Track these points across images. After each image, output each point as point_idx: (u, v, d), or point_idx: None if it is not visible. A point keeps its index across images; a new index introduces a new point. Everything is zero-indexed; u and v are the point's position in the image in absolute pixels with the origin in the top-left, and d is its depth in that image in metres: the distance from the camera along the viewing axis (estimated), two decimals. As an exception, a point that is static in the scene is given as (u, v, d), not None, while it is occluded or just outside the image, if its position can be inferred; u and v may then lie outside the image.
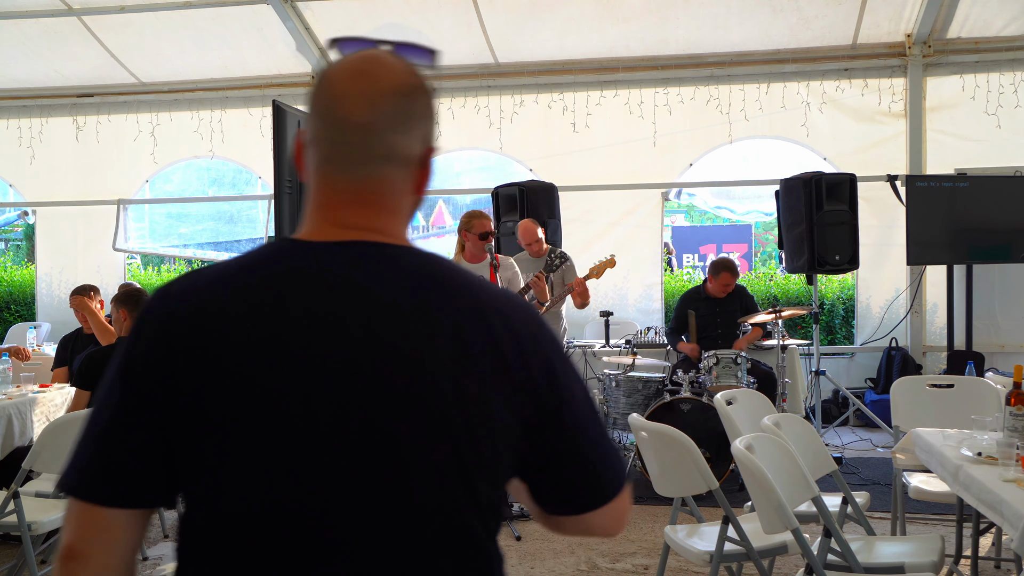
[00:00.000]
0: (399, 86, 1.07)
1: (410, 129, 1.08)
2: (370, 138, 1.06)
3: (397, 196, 1.10)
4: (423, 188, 1.12)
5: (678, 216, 15.49)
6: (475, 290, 1.08)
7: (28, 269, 10.42)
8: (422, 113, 1.09)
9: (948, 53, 7.69)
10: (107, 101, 9.07)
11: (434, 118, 1.11)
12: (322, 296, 1.03)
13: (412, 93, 1.08)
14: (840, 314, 8.89)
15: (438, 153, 1.13)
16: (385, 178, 1.08)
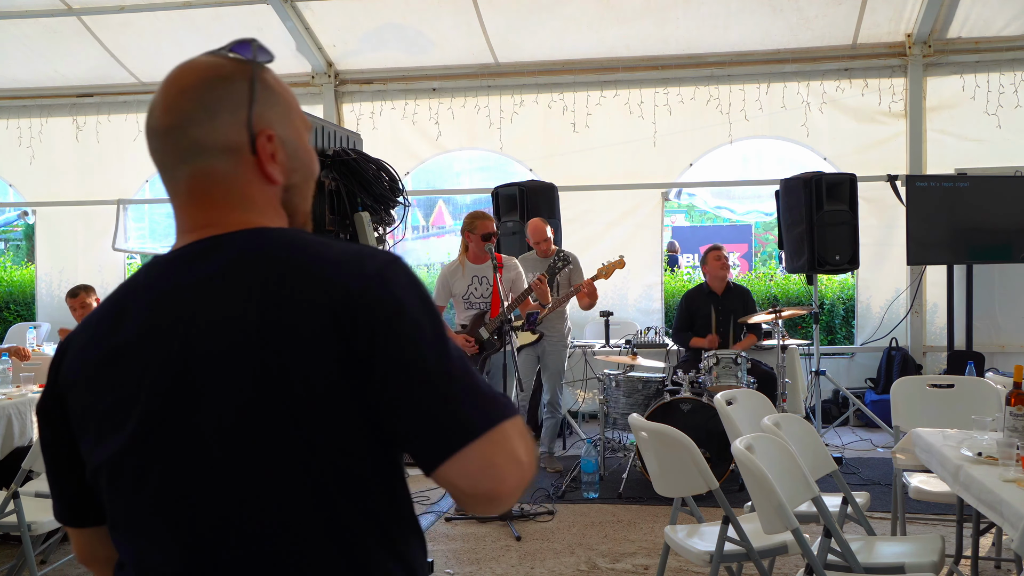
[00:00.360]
0: (198, 81, 1.09)
1: (215, 118, 1.07)
2: (174, 138, 1.08)
3: (228, 186, 1.09)
4: (270, 172, 1.09)
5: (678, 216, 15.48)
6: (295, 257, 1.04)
7: (28, 269, 10.42)
8: (231, 100, 1.08)
9: (948, 53, 7.69)
10: (107, 101, 9.08)
11: (255, 103, 1.08)
12: (147, 308, 1.07)
13: (214, 84, 1.09)
14: (840, 314, 8.89)
15: (277, 136, 1.10)
16: (205, 171, 1.08)
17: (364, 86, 8.58)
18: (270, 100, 1.11)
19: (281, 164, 1.10)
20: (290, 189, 1.13)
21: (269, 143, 1.09)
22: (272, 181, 1.10)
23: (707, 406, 5.16)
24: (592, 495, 5.40)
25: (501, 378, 5.04)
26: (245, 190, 1.09)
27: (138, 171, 9.07)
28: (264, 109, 1.09)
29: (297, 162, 1.13)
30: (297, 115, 1.15)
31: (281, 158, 1.10)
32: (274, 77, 1.13)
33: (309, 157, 1.15)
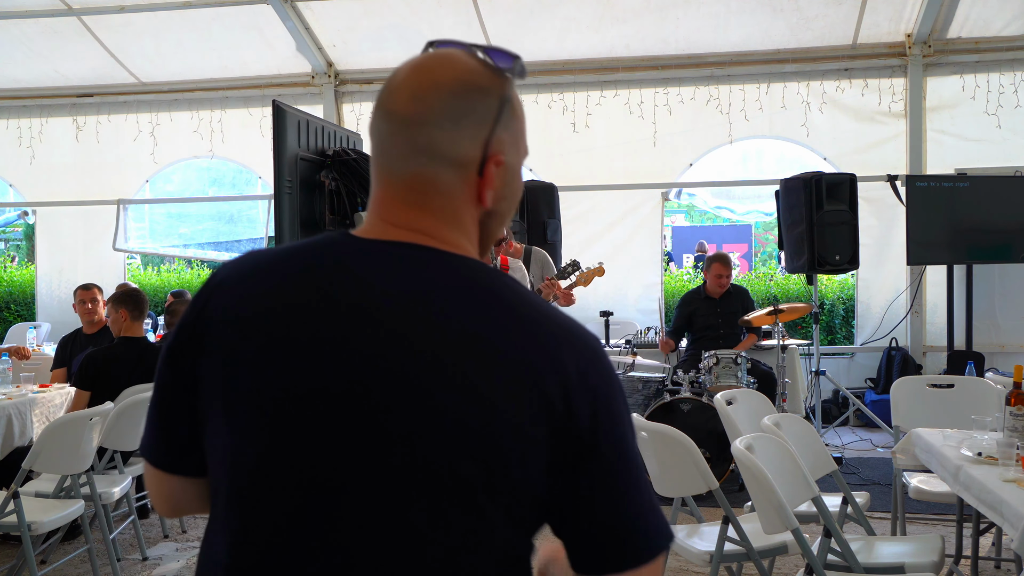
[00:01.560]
0: (455, 83, 1.04)
1: (460, 127, 1.03)
2: (413, 131, 1.03)
3: (446, 199, 1.05)
4: (486, 198, 1.06)
5: (678, 216, 15.50)
6: (525, 310, 1.01)
7: (28, 269, 10.42)
8: (479, 114, 1.04)
9: (948, 53, 7.69)
10: (107, 101, 9.08)
11: (498, 124, 1.05)
12: (351, 285, 1.01)
13: (469, 92, 1.04)
14: (840, 314, 8.89)
15: (505, 164, 1.06)
16: (430, 177, 1.04)
17: (364, 86, 8.58)
18: (510, 124, 1.07)
19: (497, 190, 1.07)
20: (492, 215, 1.10)
21: (496, 168, 1.06)
22: (483, 204, 1.07)
23: (707, 406, 5.15)
24: (592, 495, 5.39)
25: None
26: (459, 207, 1.06)
27: (138, 171, 9.08)
28: (503, 132, 1.06)
29: (509, 190, 1.10)
30: (524, 143, 1.12)
31: (498, 184, 1.07)
32: (518, 100, 1.10)
33: (519, 186, 1.13)
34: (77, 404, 4.52)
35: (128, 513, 4.63)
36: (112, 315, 4.77)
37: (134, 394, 4.31)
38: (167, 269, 11.54)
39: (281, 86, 8.53)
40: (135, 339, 4.72)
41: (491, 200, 1.06)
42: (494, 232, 1.11)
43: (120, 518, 4.77)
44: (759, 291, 9.17)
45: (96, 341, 5.39)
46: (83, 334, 5.59)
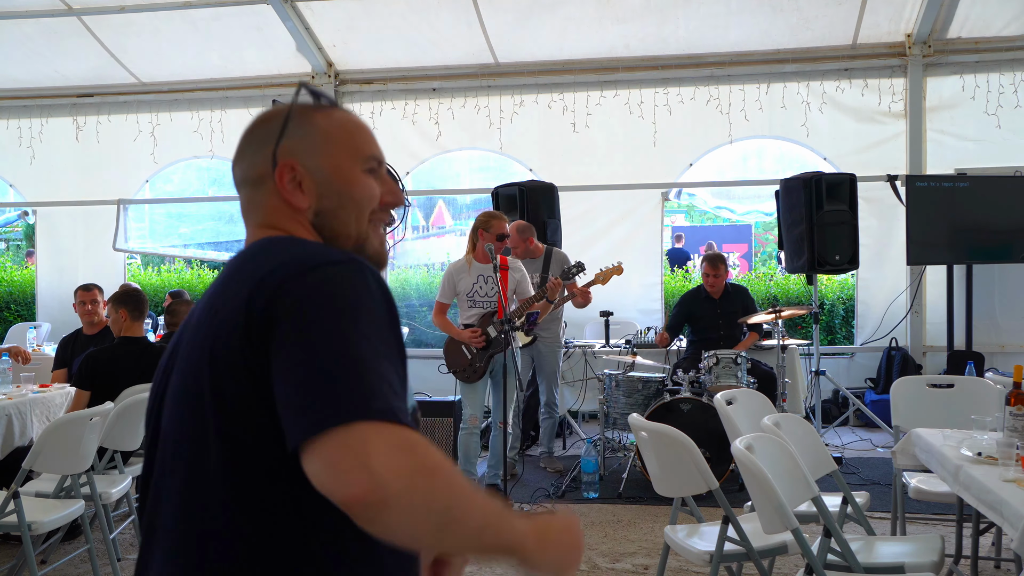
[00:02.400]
0: (249, 128, 1.29)
1: (244, 157, 1.27)
2: (233, 172, 1.30)
3: (259, 211, 1.26)
4: (291, 198, 1.23)
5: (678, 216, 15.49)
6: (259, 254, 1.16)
7: (28, 269, 10.42)
8: (263, 137, 1.25)
9: (948, 53, 7.69)
10: (107, 101, 9.08)
11: (284, 136, 1.23)
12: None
13: (254, 129, 1.28)
14: (840, 314, 8.89)
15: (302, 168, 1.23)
16: (246, 199, 1.28)
17: (364, 86, 8.58)
18: (303, 134, 1.24)
19: (309, 191, 1.23)
20: (321, 214, 1.24)
21: (290, 172, 1.23)
22: (295, 207, 1.23)
23: (707, 406, 5.15)
24: (592, 495, 5.41)
25: (502, 377, 5.05)
26: (272, 215, 1.24)
27: (138, 171, 9.08)
28: (293, 142, 1.24)
29: (327, 189, 1.24)
30: (342, 148, 1.26)
31: (308, 185, 1.23)
32: (326, 116, 1.27)
33: (346, 185, 1.25)
34: (77, 404, 4.52)
35: (128, 513, 4.63)
36: (112, 315, 4.76)
37: (134, 394, 4.31)
38: (167, 269, 11.54)
39: (281, 86, 8.53)
40: (135, 339, 4.72)
41: (302, 200, 1.23)
42: (339, 230, 1.25)
43: (120, 518, 4.78)
44: (759, 291, 9.17)
45: (97, 342, 5.38)
46: (84, 335, 5.59)
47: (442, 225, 11.92)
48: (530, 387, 6.26)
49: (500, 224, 5.17)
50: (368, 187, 1.27)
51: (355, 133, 1.29)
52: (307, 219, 1.24)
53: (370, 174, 1.28)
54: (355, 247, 1.26)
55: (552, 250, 6.07)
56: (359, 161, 1.27)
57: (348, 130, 1.28)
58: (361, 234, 1.27)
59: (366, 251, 1.27)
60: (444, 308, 5.39)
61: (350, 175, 1.26)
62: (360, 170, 1.27)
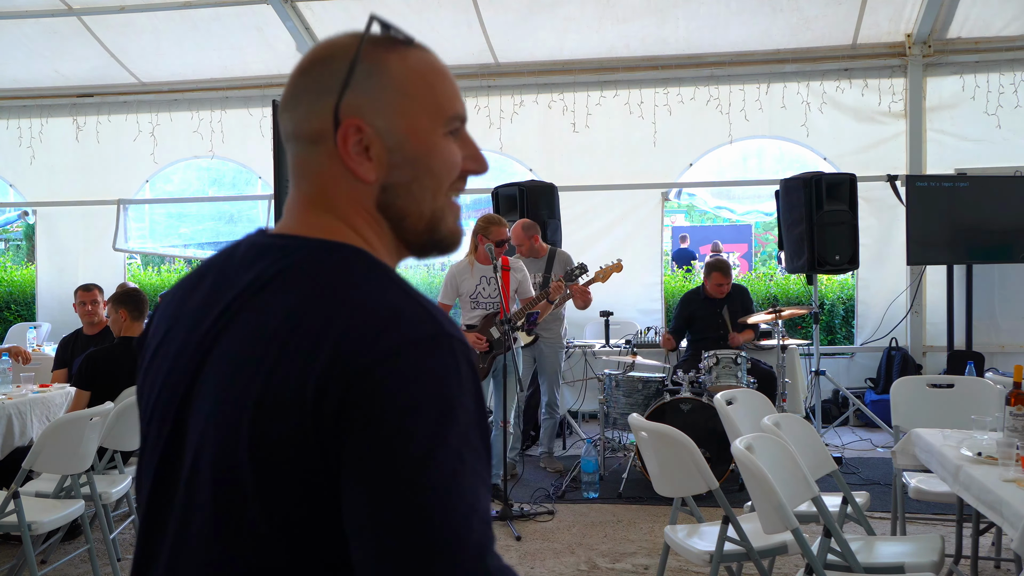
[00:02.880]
0: (303, 65, 1.03)
1: (299, 105, 1.02)
2: (283, 121, 1.04)
3: (313, 180, 1.01)
4: (356, 168, 0.99)
5: (678, 216, 15.50)
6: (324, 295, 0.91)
7: (28, 269, 10.42)
8: (323, 84, 1.00)
9: (948, 53, 7.69)
10: (107, 101, 9.08)
11: (348, 88, 0.99)
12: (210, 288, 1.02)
13: (313, 66, 1.02)
14: (840, 314, 8.89)
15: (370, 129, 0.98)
16: (298, 161, 1.02)
17: (364, 86, 8.57)
18: (373, 85, 0.99)
19: (378, 159, 0.99)
20: (389, 189, 1.00)
21: (356, 134, 0.98)
22: (361, 178, 0.99)
23: (707, 406, 5.15)
24: (592, 495, 5.40)
25: (503, 377, 5.05)
26: (329, 186, 1.00)
27: (138, 171, 9.08)
28: (357, 96, 0.99)
29: (401, 157, 0.99)
30: (421, 105, 1.01)
31: (378, 152, 0.99)
32: (400, 59, 1.02)
33: (425, 153, 1.00)
34: (77, 404, 4.52)
35: (128, 513, 4.63)
36: (112, 315, 4.77)
37: (134, 394, 4.31)
38: (167, 269, 11.54)
39: (281, 86, 8.27)
40: (135, 339, 4.72)
41: (371, 171, 0.99)
42: (406, 208, 1.01)
43: (120, 518, 4.78)
44: (759, 291, 9.17)
45: (97, 342, 5.38)
46: (84, 335, 5.59)
47: (442, 225, 11.91)
48: (530, 387, 6.26)
49: (500, 230, 5.16)
50: (450, 155, 1.02)
51: (436, 83, 1.02)
52: (373, 194, 1.00)
53: (452, 136, 1.03)
54: (427, 227, 1.03)
55: (556, 251, 6.08)
56: (442, 122, 1.02)
57: (429, 80, 1.02)
58: (436, 212, 1.03)
59: (440, 231, 1.05)
60: (446, 309, 5.40)
61: (430, 140, 1.01)
62: (442, 133, 1.02)
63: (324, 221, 1.00)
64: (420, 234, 1.04)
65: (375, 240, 1.02)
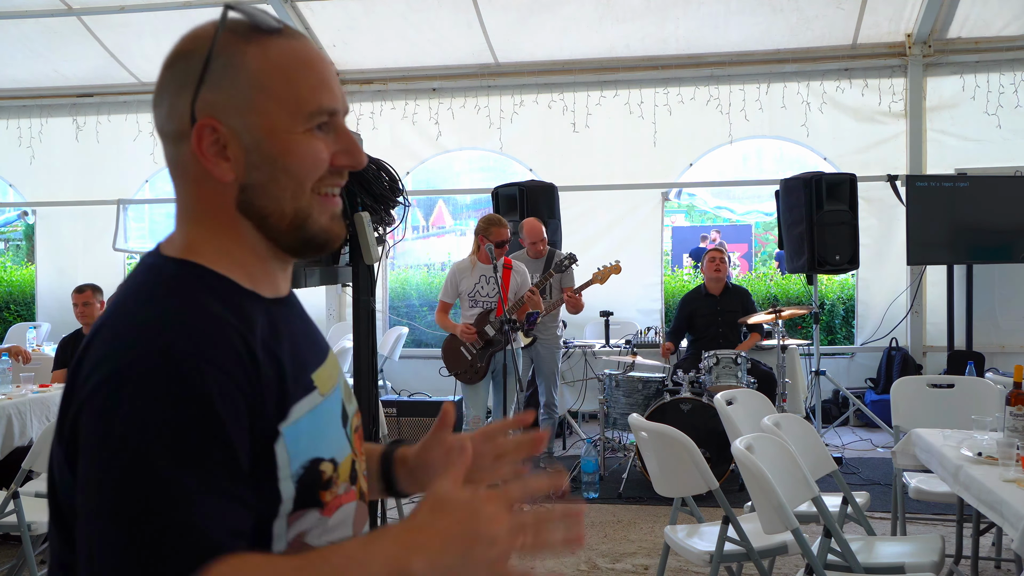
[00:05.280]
0: (167, 58, 0.99)
1: (162, 102, 0.99)
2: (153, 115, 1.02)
3: (182, 181, 1.01)
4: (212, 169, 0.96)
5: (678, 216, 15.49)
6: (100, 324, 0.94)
7: (28, 269, 10.42)
8: (173, 82, 0.97)
9: (948, 53, 7.69)
10: (107, 101, 9.08)
11: (203, 85, 0.95)
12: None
13: (172, 63, 0.98)
14: (840, 314, 8.89)
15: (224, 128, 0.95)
16: (167, 158, 1.01)
17: (364, 86, 8.58)
18: (229, 80, 0.95)
19: (235, 159, 0.96)
20: (248, 189, 0.97)
21: (211, 134, 0.95)
22: (219, 179, 0.97)
23: (707, 406, 5.15)
24: (592, 495, 5.40)
25: (503, 377, 5.06)
26: (193, 188, 1.00)
27: (138, 171, 9.07)
28: (211, 93, 0.95)
29: (258, 157, 0.96)
30: (278, 101, 0.96)
31: (235, 152, 0.96)
32: (259, 52, 0.96)
33: (282, 152, 0.96)
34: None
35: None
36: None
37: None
38: (167, 269, 11.53)
39: None
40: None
41: (231, 172, 0.97)
42: (268, 208, 0.98)
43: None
44: (759, 291, 9.17)
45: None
46: (83, 335, 5.58)
47: (442, 225, 11.93)
48: (530, 387, 6.26)
49: (500, 231, 5.18)
50: (310, 153, 0.98)
51: (297, 77, 0.97)
52: (233, 194, 0.98)
53: (318, 132, 0.98)
54: (291, 225, 1.00)
55: (554, 252, 6.08)
56: (302, 118, 0.97)
57: (288, 74, 0.96)
58: (300, 211, 0.99)
59: (308, 229, 1.00)
60: (446, 307, 5.41)
61: (287, 139, 0.96)
62: (302, 130, 0.97)
63: (183, 233, 1.02)
64: (285, 233, 1.01)
65: (234, 245, 1.00)
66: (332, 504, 1.02)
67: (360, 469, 1.11)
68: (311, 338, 1.10)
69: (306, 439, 0.97)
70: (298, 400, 0.98)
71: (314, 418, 1.00)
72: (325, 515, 1.01)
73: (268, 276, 1.04)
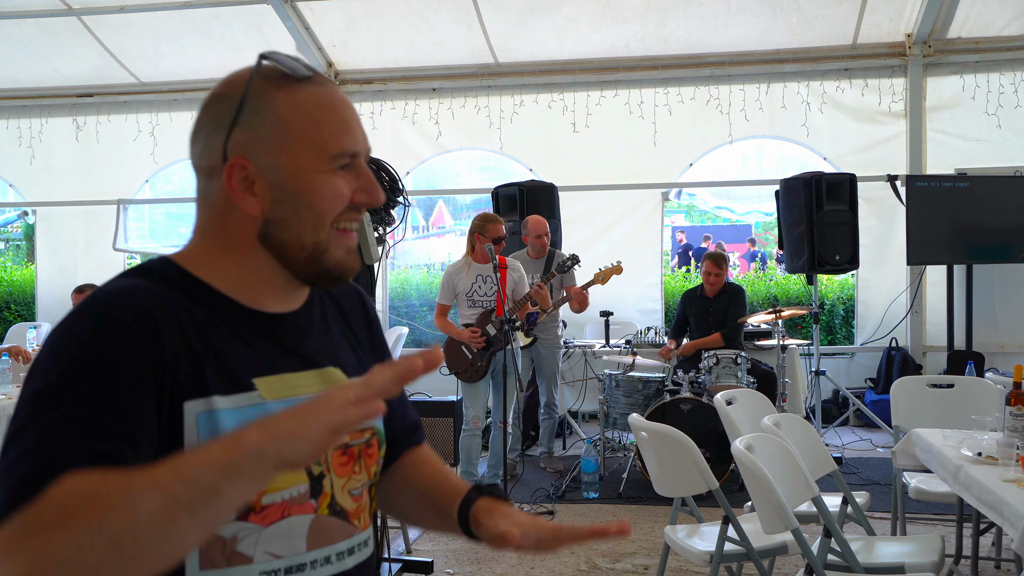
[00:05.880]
0: (206, 101, 1.10)
1: (198, 140, 1.09)
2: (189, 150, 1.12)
3: (207, 211, 1.10)
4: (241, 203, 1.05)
5: (678, 216, 15.50)
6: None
7: (28, 269, 10.42)
8: (215, 121, 1.07)
9: (948, 53, 7.69)
10: (107, 101, 9.08)
11: (236, 126, 1.05)
12: None
13: (211, 103, 1.09)
14: (840, 314, 8.89)
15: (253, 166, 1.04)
16: (199, 192, 1.11)
17: (364, 86, 8.58)
18: (259, 123, 1.05)
19: (261, 195, 1.05)
20: (271, 223, 1.06)
21: (241, 172, 1.04)
22: (246, 213, 1.06)
23: (707, 406, 5.15)
24: (592, 495, 5.40)
25: (503, 377, 5.05)
26: (220, 218, 1.08)
27: (138, 171, 9.07)
28: (243, 133, 1.05)
29: (282, 193, 1.05)
30: (303, 143, 1.05)
31: (261, 188, 1.05)
32: (288, 97, 1.06)
33: (306, 191, 1.05)
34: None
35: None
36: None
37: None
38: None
39: None
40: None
41: (257, 207, 1.05)
42: (287, 240, 1.07)
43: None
44: (759, 291, 9.17)
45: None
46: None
47: (442, 225, 11.94)
48: (530, 387, 6.26)
49: (496, 228, 5.17)
50: (332, 191, 1.06)
51: (323, 121, 1.06)
52: (256, 226, 1.07)
53: (340, 171, 1.07)
54: (310, 258, 1.08)
55: (554, 252, 6.08)
56: (326, 159, 1.06)
57: (314, 118, 1.06)
58: (319, 244, 1.08)
59: (324, 262, 1.08)
60: (445, 310, 5.41)
61: (311, 178, 1.05)
62: (325, 170, 1.06)
63: (197, 246, 1.10)
64: (303, 264, 1.09)
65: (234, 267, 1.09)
66: (270, 511, 1.04)
67: (331, 484, 1.11)
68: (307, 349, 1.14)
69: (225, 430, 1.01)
70: (222, 393, 1.03)
71: (242, 415, 1.03)
72: (257, 522, 1.03)
73: (276, 295, 1.12)
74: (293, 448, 0.85)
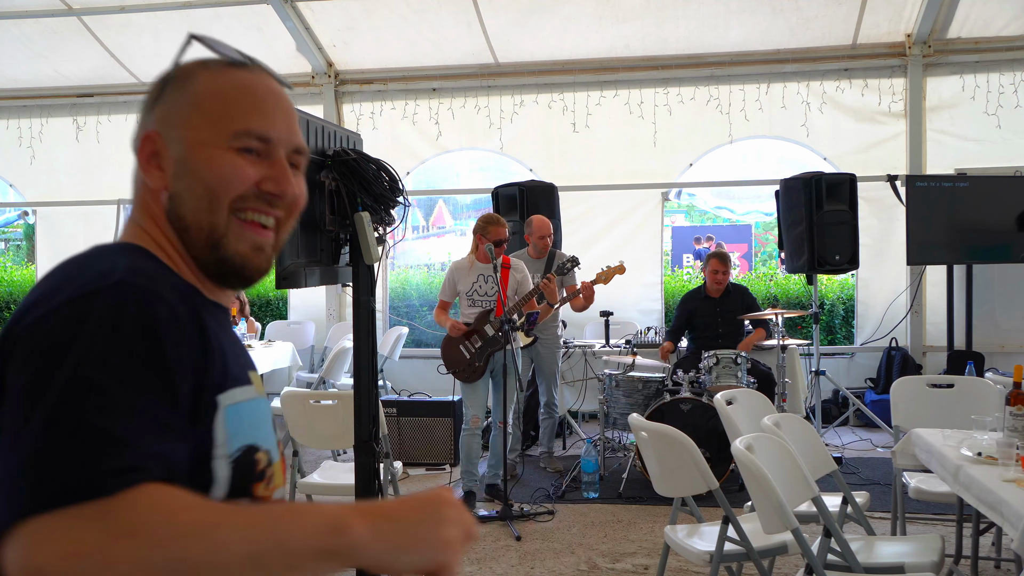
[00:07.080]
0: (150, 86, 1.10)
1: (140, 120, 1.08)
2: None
3: (134, 184, 1.08)
4: (146, 174, 1.04)
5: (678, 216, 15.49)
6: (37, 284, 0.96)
7: (28, 269, 10.42)
8: (147, 101, 1.07)
9: (948, 53, 7.69)
10: (107, 101, 9.08)
11: (158, 102, 1.05)
12: None
13: (151, 87, 1.08)
14: (840, 314, 8.89)
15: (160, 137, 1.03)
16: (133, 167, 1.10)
17: (364, 86, 8.58)
18: (176, 99, 1.04)
19: (166, 169, 1.03)
20: (174, 198, 1.03)
21: (149, 144, 1.04)
22: (152, 186, 1.04)
23: (707, 406, 5.16)
24: (592, 495, 5.41)
25: (502, 377, 5.06)
26: (140, 195, 1.07)
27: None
28: (164, 109, 1.04)
29: (182, 169, 1.02)
30: (208, 118, 1.02)
31: (166, 162, 1.03)
32: (211, 77, 1.04)
33: (202, 164, 1.01)
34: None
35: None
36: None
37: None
38: (167, 269, 11.53)
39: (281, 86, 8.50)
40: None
41: (161, 180, 1.03)
42: (185, 218, 1.03)
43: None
44: (759, 291, 9.17)
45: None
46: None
47: (442, 225, 11.93)
48: (530, 387, 6.27)
49: (498, 230, 5.19)
50: (228, 168, 1.01)
51: (235, 100, 1.03)
52: (163, 203, 1.03)
53: (245, 153, 1.02)
54: (208, 242, 1.03)
55: (555, 252, 6.08)
56: (226, 135, 1.02)
57: (228, 96, 1.03)
58: (216, 228, 1.03)
59: (223, 250, 1.03)
60: (445, 306, 5.42)
61: (207, 152, 1.01)
62: (224, 146, 1.01)
63: (129, 226, 1.06)
64: (203, 250, 1.04)
65: (171, 252, 1.05)
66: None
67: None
68: (243, 348, 1.12)
69: (246, 423, 0.99)
70: (240, 385, 1.00)
71: (253, 408, 1.02)
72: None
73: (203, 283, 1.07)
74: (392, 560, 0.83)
